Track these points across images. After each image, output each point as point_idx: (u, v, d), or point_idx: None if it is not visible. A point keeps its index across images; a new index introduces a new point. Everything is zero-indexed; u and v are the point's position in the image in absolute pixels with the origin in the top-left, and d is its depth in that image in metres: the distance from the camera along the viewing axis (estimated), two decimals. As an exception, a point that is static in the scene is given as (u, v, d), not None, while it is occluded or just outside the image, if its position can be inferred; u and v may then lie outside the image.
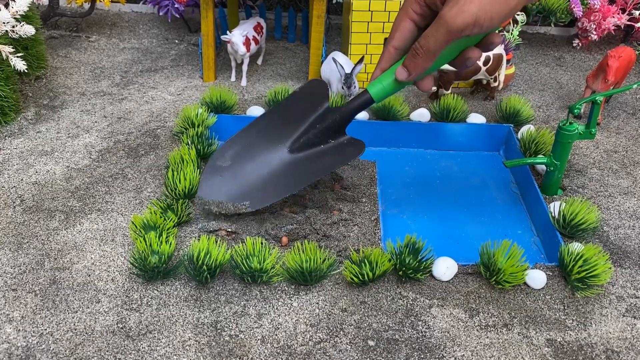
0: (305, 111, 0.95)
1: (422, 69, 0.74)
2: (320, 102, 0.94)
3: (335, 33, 1.74)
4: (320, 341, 0.78)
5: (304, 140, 0.94)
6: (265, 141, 0.96)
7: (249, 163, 0.95)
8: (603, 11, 1.55)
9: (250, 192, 0.93)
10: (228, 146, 0.97)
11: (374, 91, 0.81)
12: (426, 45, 0.71)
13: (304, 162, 0.94)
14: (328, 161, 0.93)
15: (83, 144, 1.17)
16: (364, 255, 0.86)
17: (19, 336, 0.77)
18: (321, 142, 0.94)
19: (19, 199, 1.01)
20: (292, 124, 0.95)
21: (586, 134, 1.01)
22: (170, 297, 0.83)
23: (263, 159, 0.95)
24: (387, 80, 0.79)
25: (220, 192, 0.94)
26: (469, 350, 0.78)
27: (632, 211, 1.04)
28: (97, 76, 1.45)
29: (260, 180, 0.94)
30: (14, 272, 0.87)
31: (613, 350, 0.79)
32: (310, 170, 0.93)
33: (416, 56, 0.73)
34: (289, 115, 0.97)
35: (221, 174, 0.95)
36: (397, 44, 0.76)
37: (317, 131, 0.93)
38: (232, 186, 0.94)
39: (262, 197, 0.93)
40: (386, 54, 0.78)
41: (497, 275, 0.85)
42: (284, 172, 0.94)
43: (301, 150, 0.94)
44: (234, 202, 0.92)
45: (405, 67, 0.75)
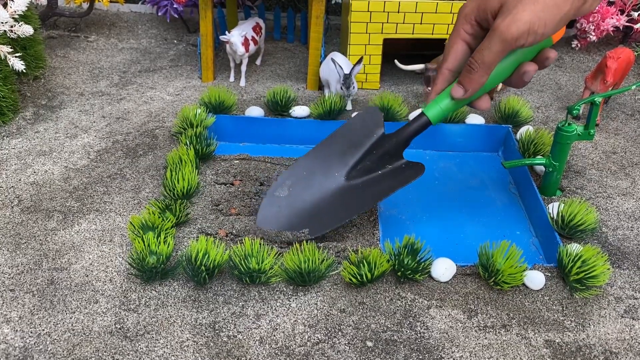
0: (361, 139, 0.95)
1: (478, 85, 0.74)
2: (375, 130, 0.94)
3: (334, 33, 1.74)
4: (319, 342, 0.78)
5: (361, 167, 0.94)
6: (322, 170, 0.96)
7: (306, 191, 0.95)
8: (602, 12, 1.55)
9: (308, 219, 0.93)
10: (285, 177, 0.97)
11: (432, 114, 0.82)
12: (481, 59, 0.71)
13: (362, 188, 0.94)
14: (386, 185, 0.92)
15: (81, 144, 1.17)
16: (363, 255, 0.86)
17: (17, 337, 0.77)
18: (379, 168, 0.94)
19: (16, 199, 1.01)
20: (348, 153, 0.95)
21: (585, 135, 1.01)
22: (169, 297, 0.83)
23: (320, 187, 0.95)
24: (443, 101, 0.80)
25: (279, 222, 0.93)
26: (468, 351, 0.78)
27: (630, 212, 1.04)
28: (95, 76, 1.45)
29: (318, 208, 0.94)
30: (12, 272, 0.87)
31: (611, 352, 0.79)
32: (368, 195, 0.93)
33: (471, 71, 0.73)
34: (344, 145, 0.97)
35: (279, 204, 0.95)
36: (450, 65, 0.76)
37: (374, 157, 0.93)
38: (291, 215, 0.94)
39: (321, 224, 0.92)
40: (441, 76, 0.78)
41: (496, 276, 0.85)
42: (341, 199, 0.94)
43: (359, 177, 0.94)
44: (293, 231, 0.93)
45: (460, 84, 0.75)
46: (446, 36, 1.35)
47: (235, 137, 1.22)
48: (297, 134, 1.22)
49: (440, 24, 1.33)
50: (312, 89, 1.41)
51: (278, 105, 1.24)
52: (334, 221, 0.92)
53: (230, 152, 1.17)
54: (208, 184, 1.05)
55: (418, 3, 1.30)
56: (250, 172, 1.09)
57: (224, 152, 1.16)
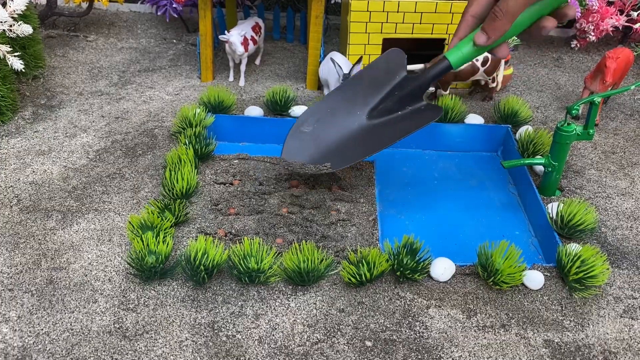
0: (384, 80, 0.98)
1: (501, 32, 0.76)
2: (398, 71, 0.97)
3: (334, 33, 1.74)
4: (318, 341, 0.78)
5: (382, 108, 0.97)
6: (345, 108, 1.00)
7: (329, 128, 0.99)
8: (601, 12, 1.55)
9: (331, 154, 0.98)
10: (310, 113, 1.01)
11: (453, 58, 0.83)
12: (505, 7, 0.73)
13: (382, 127, 0.97)
14: (405, 125, 0.96)
15: (80, 144, 1.17)
16: (362, 255, 0.86)
17: (15, 336, 0.77)
18: (399, 109, 0.97)
19: (15, 199, 1.01)
20: (370, 93, 0.99)
21: (584, 135, 1.01)
22: (168, 297, 0.83)
23: (343, 125, 0.99)
24: (465, 47, 0.81)
25: (304, 154, 0.98)
26: (467, 350, 0.78)
27: (629, 212, 1.04)
28: (94, 76, 1.45)
29: (341, 143, 0.98)
30: (11, 272, 0.87)
31: (610, 351, 0.79)
32: (388, 134, 0.96)
33: (495, 19, 0.75)
34: (367, 84, 1.00)
35: (304, 138, 0.99)
36: (474, 11, 0.78)
37: (395, 98, 0.96)
38: (314, 149, 0.98)
39: (343, 158, 0.97)
40: (463, 23, 0.80)
41: (495, 276, 0.85)
42: (363, 136, 0.97)
43: (379, 117, 0.98)
44: (316, 164, 0.97)
45: (484, 31, 0.77)
46: (445, 36, 1.35)
47: (235, 137, 1.22)
48: (297, 134, 1.22)
49: (439, 23, 1.33)
50: (312, 89, 1.41)
51: (277, 105, 1.23)
52: (355, 157, 0.96)
53: (230, 151, 1.17)
54: (207, 183, 1.05)
55: (417, 3, 1.30)
56: (250, 171, 1.09)
57: (223, 152, 1.16)
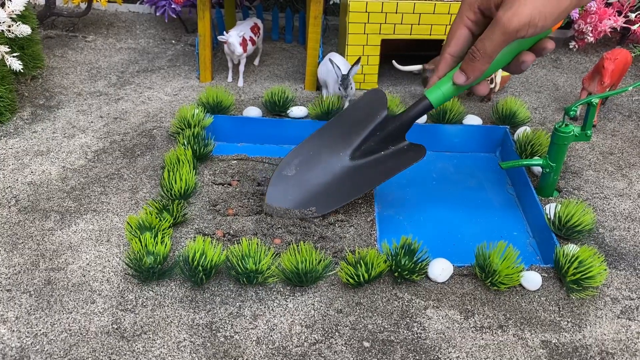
0: (365, 120, 0.98)
1: (479, 72, 0.77)
2: (379, 111, 0.97)
3: (333, 34, 1.74)
4: (316, 342, 0.78)
5: (365, 148, 0.97)
6: (327, 150, 0.99)
7: (312, 171, 0.99)
8: (599, 13, 1.55)
9: (315, 198, 0.97)
10: (292, 156, 1.00)
11: (433, 97, 0.84)
12: (483, 48, 0.74)
13: (365, 168, 0.97)
14: (389, 166, 0.96)
15: (79, 144, 1.17)
16: (360, 256, 0.86)
17: (13, 337, 0.77)
18: (381, 149, 0.97)
19: (14, 199, 1.01)
20: (352, 133, 0.99)
21: (582, 136, 1.01)
22: (166, 298, 0.83)
23: (326, 167, 0.99)
24: (445, 85, 0.82)
25: (287, 200, 0.97)
26: (464, 351, 0.78)
27: (627, 213, 1.05)
28: (93, 76, 1.45)
29: (324, 187, 0.97)
30: (9, 272, 0.87)
31: (608, 352, 0.79)
32: (372, 176, 0.96)
33: (473, 59, 0.76)
34: (349, 125, 1.00)
35: (287, 182, 0.98)
36: (453, 51, 0.79)
37: (378, 139, 0.96)
38: (298, 194, 0.97)
39: (327, 202, 0.96)
40: (443, 62, 0.81)
41: (493, 276, 0.85)
42: (346, 179, 0.97)
43: (362, 157, 0.98)
44: (300, 209, 0.96)
45: (463, 72, 0.78)
46: (444, 37, 1.35)
47: (233, 138, 1.22)
48: (295, 135, 1.22)
49: (438, 24, 1.33)
50: (310, 90, 1.41)
51: (276, 106, 1.24)
52: (340, 200, 0.96)
53: (228, 152, 1.17)
54: (205, 184, 1.05)
55: (416, 4, 1.30)
56: (248, 172, 1.09)
57: (222, 153, 1.16)
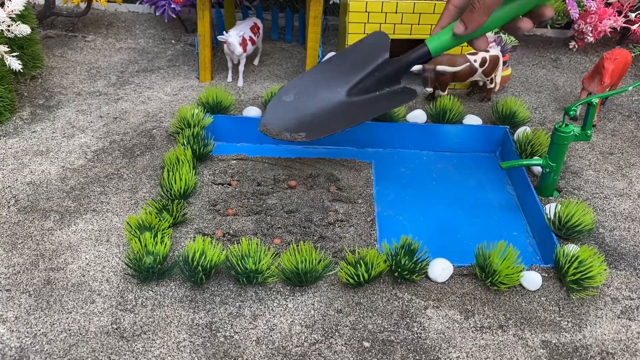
0: (365, 60, 1.01)
1: (478, 24, 0.81)
2: (380, 53, 1.00)
3: (332, 34, 1.74)
4: (316, 342, 0.78)
5: (362, 87, 1.01)
6: (326, 84, 1.03)
7: (309, 100, 1.02)
8: (599, 13, 1.55)
9: (307, 125, 1.00)
10: (293, 84, 1.04)
11: (432, 45, 0.88)
12: (482, 1, 0.78)
13: (359, 104, 1.00)
14: (381, 104, 1.00)
15: (78, 144, 1.17)
16: (360, 256, 0.86)
17: (13, 337, 0.77)
18: (377, 89, 1.00)
19: (13, 199, 1.01)
20: (352, 71, 1.02)
21: (582, 136, 1.01)
22: (165, 298, 0.83)
23: (322, 99, 1.02)
24: (445, 35, 0.86)
25: (282, 122, 1.00)
26: (464, 351, 0.78)
27: (627, 213, 1.05)
28: (93, 76, 1.45)
29: (318, 116, 1.01)
30: (8, 272, 0.86)
31: (608, 352, 0.79)
32: (364, 111, 0.99)
33: (473, 10, 0.80)
34: (350, 63, 1.03)
35: (284, 106, 1.02)
36: (456, 2, 0.84)
37: (375, 79, 0.99)
38: (292, 119, 1.00)
39: (318, 130, 0.99)
40: (446, 12, 0.85)
41: (493, 276, 0.85)
42: (339, 112, 1.00)
43: (358, 95, 1.01)
44: (292, 132, 0.99)
45: (462, 22, 0.82)
46: (444, 37, 1.35)
47: (233, 138, 1.22)
48: (295, 134, 1.22)
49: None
50: (310, 90, 1.41)
51: (276, 106, 1.23)
52: (329, 129, 0.99)
53: (228, 152, 1.17)
54: (205, 184, 1.05)
55: (416, 4, 1.30)
56: (248, 172, 1.09)
57: (222, 153, 1.16)
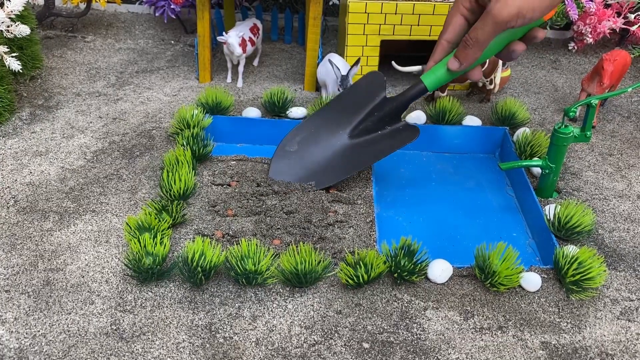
0: (364, 101, 1.04)
1: (472, 59, 0.82)
2: (377, 93, 1.03)
3: (332, 35, 1.74)
4: (315, 343, 0.78)
5: (363, 127, 1.04)
6: (328, 129, 1.06)
7: (313, 147, 1.05)
8: (599, 14, 1.55)
9: (315, 173, 1.04)
10: (294, 133, 1.07)
11: (428, 81, 0.90)
12: (475, 37, 0.79)
13: (362, 146, 1.04)
14: (385, 145, 1.02)
15: (78, 145, 1.16)
16: (359, 257, 0.86)
17: (12, 338, 0.77)
18: (378, 128, 1.03)
19: (12, 200, 1.01)
20: (352, 113, 1.05)
21: (581, 137, 1.01)
22: (165, 298, 0.83)
23: (326, 145, 1.05)
24: (440, 70, 0.87)
25: (289, 174, 1.04)
26: (464, 352, 0.78)
27: (626, 214, 1.05)
28: (92, 76, 1.45)
29: (324, 163, 1.04)
30: (7, 273, 0.86)
31: (607, 354, 0.79)
32: (369, 154, 1.03)
33: (467, 47, 0.81)
34: (349, 105, 1.06)
35: (289, 157, 1.05)
36: (449, 37, 0.85)
37: (375, 119, 1.02)
38: (299, 169, 1.04)
39: (326, 177, 1.03)
40: (439, 47, 0.86)
41: (492, 277, 0.85)
42: (345, 156, 1.04)
43: (360, 136, 1.04)
44: (301, 182, 1.02)
45: (457, 58, 0.84)
46: (443, 38, 1.35)
47: (233, 138, 1.22)
48: (294, 135, 1.22)
49: (437, 25, 1.33)
50: (310, 90, 1.41)
51: (275, 106, 1.23)
52: (338, 176, 1.03)
53: (227, 153, 1.17)
54: (205, 185, 1.05)
55: (415, 5, 1.30)
56: (247, 173, 1.09)
57: (221, 153, 1.16)
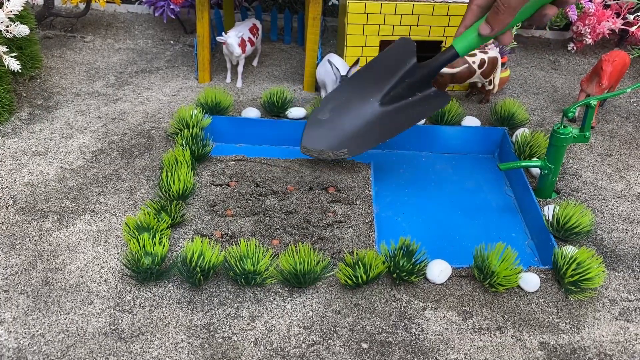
0: (395, 68, 1.04)
1: (503, 24, 0.82)
2: (408, 59, 1.02)
3: (331, 35, 1.74)
4: (314, 344, 0.78)
5: (394, 94, 1.03)
6: (359, 96, 1.06)
7: (345, 115, 1.05)
8: (598, 15, 1.56)
9: (347, 140, 1.04)
10: (326, 101, 1.07)
11: (460, 46, 0.89)
12: (507, 2, 0.79)
13: (394, 113, 1.03)
14: (416, 112, 1.02)
15: (77, 145, 1.16)
16: (358, 257, 0.86)
17: (10, 337, 0.77)
18: (409, 95, 1.03)
19: (11, 200, 1.01)
20: (382, 80, 1.04)
21: (580, 138, 1.01)
22: (163, 298, 0.83)
23: (357, 112, 1.05)
24: (471, 35, 0.87)
25: (322, 142, 1.04)
26: (462, 353, 0.78)
27: (625, 215, 1.05)
28: (91, 77, 1.45)
29: (356, 130, 1.04)
30: (6, 273, 0.86)
31: (606, 354, 0.79)
32: (400, 121, 1.02)
33: (498, 12, 0.81)
34: (379, 72, 1.05)
35: (321, 125, 1.05)
36: (479, 1, 0.85)
37: (406, 85, 1.02)
38: (331, 137, 1.04)
39: (359, 144, 1.03)
40: (469, 12, 0.86)
41: (491, 278, 0.85)
42: (376, 123, 1.03)
43: (391, 103, 1.04)
44: (334, 150, 1.03)
45: (488, 23, 0.83)
46: (442, 38, 1.35)
47: (232, 138, 1.22)
48: (294, 135, 1.22)
49: (436, 26, 1.33)
50: (309, 91, 1.41)
51: (274, 107, 1.23)
52: (370, 143, 1.03)
53: (227, 153, 1.17)
54: (204, 185, 1.05)
55: (415, 5, 1.30)
56: (247, 173, 1.09)
57: (220, 153, 1.16)
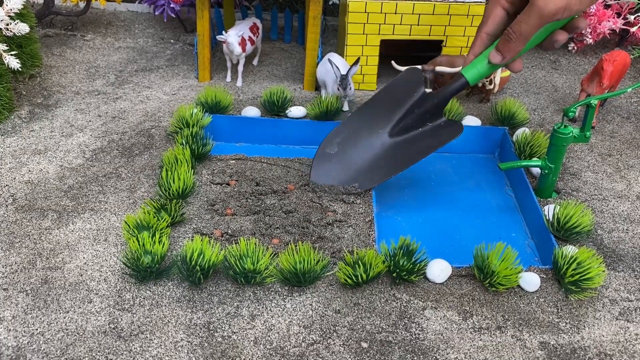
0: (403, 98, 1.02)
1: (514, 53, 0.80)
2: (416, 89, 1.01)
3: (332, 34, 1.74)
4: (314, 343, 0.78)
5: (403, 125, 1.01)
6: (367, 128, 1.04)
7: (354, 149, 1.03)
8: (598, 15, 1.55)
9: (357, 174, 1.02)
10: (334, 135, 1.05)
11: (470, 75, 0.88)
12: (519, 30, 0.77)
13: (404, 145, 1.02)
14: (427, 143, 1.00)
15: (77, 143, 1.16)
16: (358, 256, 0.86)
17: (10, 336, 0.77)
18: (419, 125, 1.01)
19: (11, 198, 1.01)
20: (391, 111, 1.03)
21: (581, 137, 1.01)
22: (163, 297, 0.83)
23: (366, 145, 1.03)
24: (480, 64, 0.86)
25: (330, 177, 1.02)
26: (462, 352, 0.78)
27: (625, 215, 1.05)
28: (91, 75, 1.45)
29: (366, 164, 1.02)
30: (6, 271, 0.86)
31: (606, 354, 0.79)
32: (411, 152, 1.00)
33: (509, 40, 0.79)
34: (388, 103, 1.04)
35: (330, 160, 1.03)
36: (489, 30, 0.83)
37: (415, 116, 1.00)
38: (341, 171, 1.02)
39: (370, 179, 1.01)
40: (478, 40, 0.84)
41: (491, 277, 0.85)
42: (386, 155, 1.02)
43: (401, 134, 1.02)
44: (344, 185, 1.01)
45: (498, 51, 0.82)
46: (443, 38, 1.35)
47: (232, 137, 1.22)
48: (294, 135, 1.22)
49: (437, 25, 1.33)
50: (309, 90, 1.41)
51: (274, 106, 1.23)
52: (381, 177, 1.01)
53: (227, 152, 1.17)
54: (204, 184, 1.05)
55: (415, 4, 1.30)
56: (247, 172, 1.09)
57: (220, 152, 1.16)
